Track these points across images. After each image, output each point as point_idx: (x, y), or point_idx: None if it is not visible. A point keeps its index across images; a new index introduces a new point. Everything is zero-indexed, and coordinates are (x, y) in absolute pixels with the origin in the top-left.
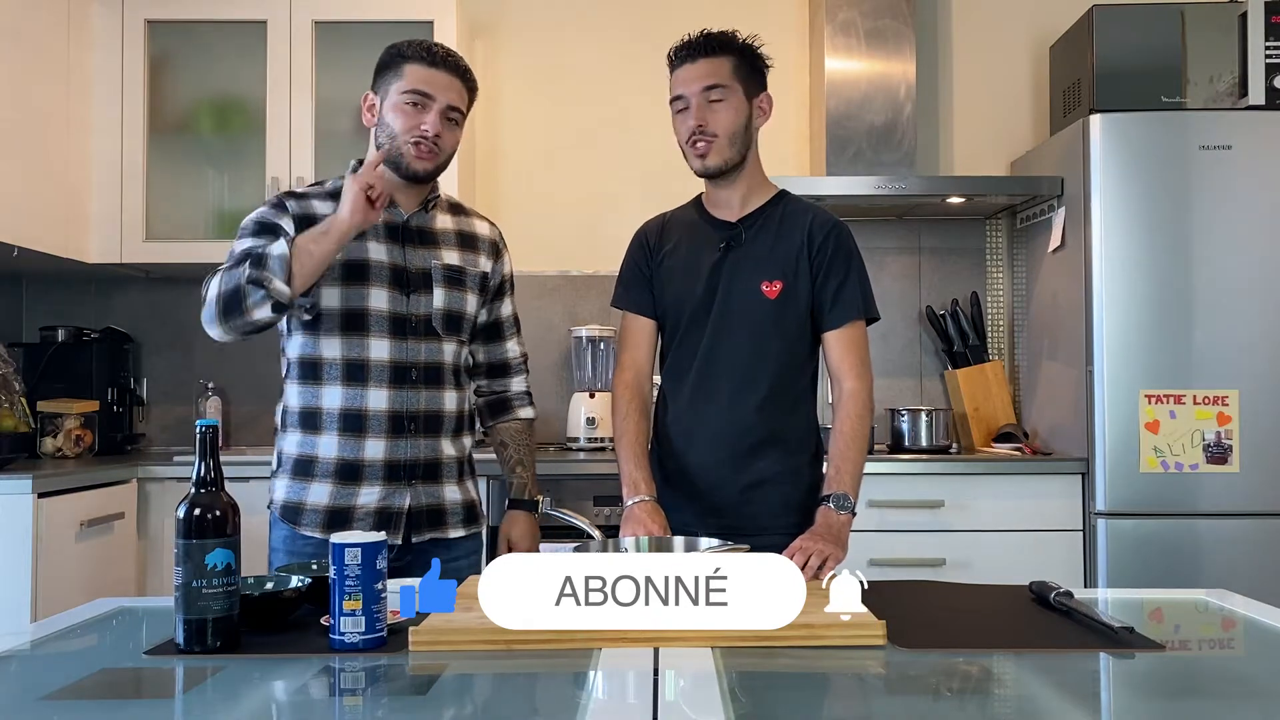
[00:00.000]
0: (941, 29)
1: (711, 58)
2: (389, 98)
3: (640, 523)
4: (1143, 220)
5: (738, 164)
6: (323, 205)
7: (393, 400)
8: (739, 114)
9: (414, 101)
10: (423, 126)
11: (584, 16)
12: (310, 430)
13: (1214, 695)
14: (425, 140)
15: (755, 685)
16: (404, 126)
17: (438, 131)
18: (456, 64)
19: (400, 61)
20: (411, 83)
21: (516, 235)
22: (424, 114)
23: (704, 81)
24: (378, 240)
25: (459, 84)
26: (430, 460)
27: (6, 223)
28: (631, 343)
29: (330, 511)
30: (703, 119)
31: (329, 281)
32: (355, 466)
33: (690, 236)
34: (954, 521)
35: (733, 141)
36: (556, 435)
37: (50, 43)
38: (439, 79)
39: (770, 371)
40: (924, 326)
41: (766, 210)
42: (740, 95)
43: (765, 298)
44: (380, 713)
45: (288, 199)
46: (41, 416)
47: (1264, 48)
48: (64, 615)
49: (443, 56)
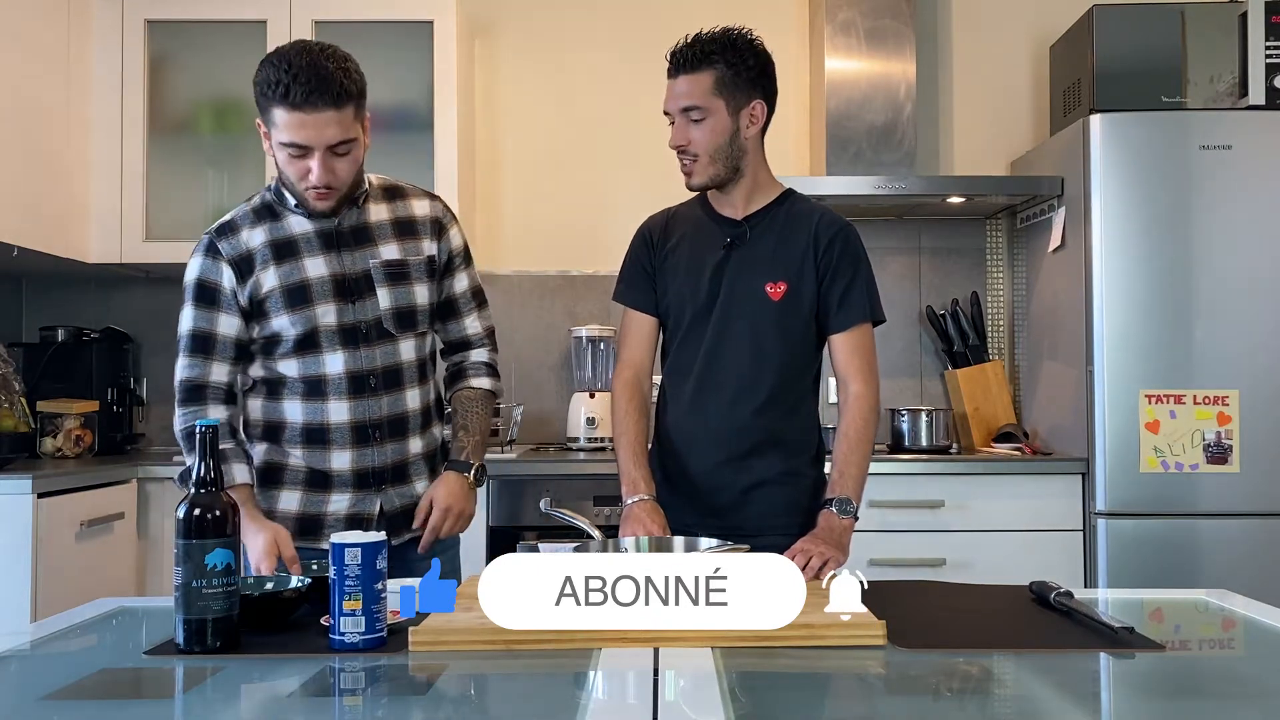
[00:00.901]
0: (941, 29)
1: (693, 73)
2: (273, 138)
3: (640, 522)
4: (1143, 220)
5: (730, 176)
6: (252, 236)
7: (354, 410)
8: (719, 133)
9: (293, 154)
10: (311, 178)
11: (584, 16)
12: (274, 443)
13: (1214, 695)
14: (315, 189)
15: (755, 685)
16: (294, 175)
17: (326, 179)
18: (327, 92)
19: (266, 105)
20: (284, 133)
21: (516, 235)
22: (306, 161)
23: (681, 102)
24: (312, 255)
25: (333, 113)
26: (398, 463)
27: (6, 223)
28: (631, 340)
29: (301, 518)
30: (684, 139)
31: (277, 310)
32: (323, 475)
33: (694, 233)
34: (954, 522)
35: (714, 159)
36: (556, 435)
37: (50, 43)
38: (309, 122)
39: (772, 373)
40: (924, 326)
41: (771, 209)
42: (723, 112)
43: (769, 299)
44: (380, 713)
45: (219, 240)
46: (41, 416)
47: (1264, 48)
48: (64, 615)
49: (308, 96)
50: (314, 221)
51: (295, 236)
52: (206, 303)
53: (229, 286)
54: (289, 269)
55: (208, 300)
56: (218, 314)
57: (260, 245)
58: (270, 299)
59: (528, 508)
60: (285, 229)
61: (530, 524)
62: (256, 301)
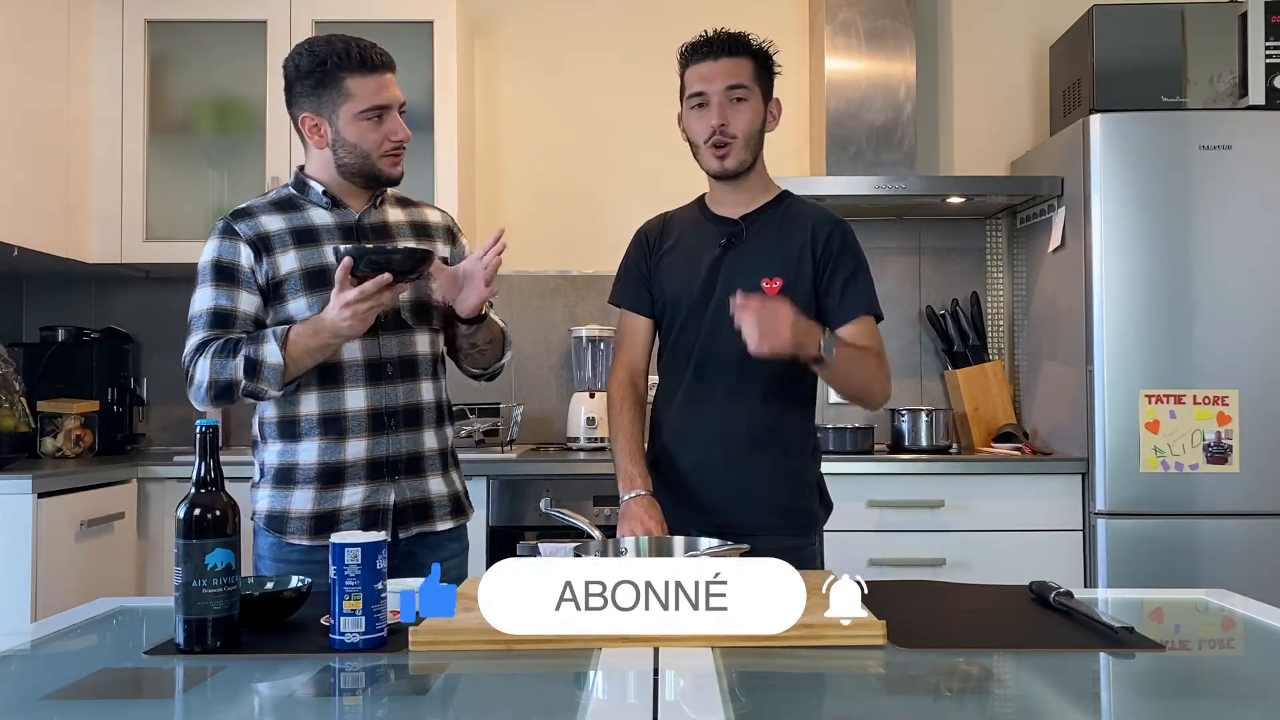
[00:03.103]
0: (941, 29)
1: (735, 57)
2: (341, 119)
3: (637, 518)
4: (1143, 220)
5: (750, 168)
6: (270, 220)
7: (370, 398)
8: (758, 116)
9: (373, 116)
10: (395, 136)
11: (584, 16)
12: (289, 439)
13: (1214, 695)
14: (398, 149)
15: (755, 685)
16: (374, 142)
17: (409, 134)
18: (387, 58)
19: (339, 77)
20: (365, 100)
21: (516, 235)
22: (385, 124)
23: (728, 80)
24: (333, 244)
25: (393, 76)
26: (412, 454)
27: (6, 223)
28: (628, 341)
29: (316, 517)
30: (725, 118)
31: (295, 293)
32: (337, 469)
33: (691, 233)
34: (954, 521)
35: (748, 144)
36: (556, 435)
37: (50, 43)
38: (385, 82)
39: (767, 371)
40: (924, 326)
41: (769, 209)
42: (759, 100)
43: (765, 295)
44: (380, 713)
45: (236, 222)
46: (41, 416)
47: (1264, 48)
48: (64, 615)
49: (378, 59)
50: (334, 214)
51: (316, 226)
52: (226, 280)
53: (247, 265)
54: (310, 253)
55: (227, 278)
56: (238, 291)
57: (279, 230)
58: (289, 281)
59: (528, 508)
60: (305, 219)
61: (530, 524)
62: (275, 283)
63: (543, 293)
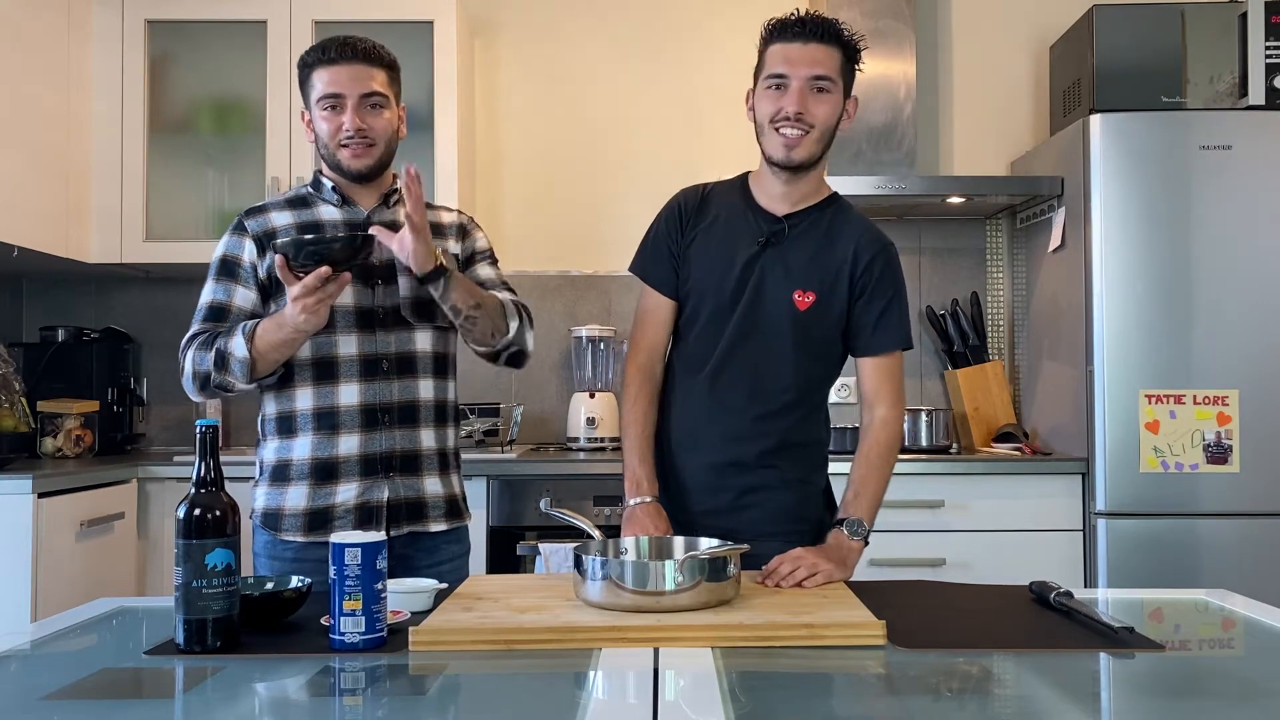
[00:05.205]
0: (941, 29)
1: (825, 45)
2: (312, 110)
3: (641, 525)
4: (1143, 220)
5: (816, 163)
6: (280, 216)
7: (364, 394)
8: (836, 110)
9: (329, 106)
10: (345, 126)
11: (584, 16)
12: (286, 435)
13: (1214, 695)
14: (351, 140)
15: (755, 685)
16: (329, 132)
17: (358, 125)
18: (359, 50)
19: (308, 71)
20: (321, 88)
21: (516, 235)
22: (341, 114)
23: (814, 69)
24: None
25: (368, 69)
26: (408, 452)
27: (6, 223)
28: (649, 321)
29: (309, 514)
30: (804, 106)
31: None
32: (330, 465)
33: (729, 220)
34: (954, 521)
35: (823, 138)
36: (556, 435)
37: (50, 43)
38: (344, 74)
39: (787, 383)
40: (924, 326)
41: (814, 212)
42: (840, 94)
43: (795, 307)
44: (380, 713)
45: (247, 218)
46: (41, 416)
47: (1264, 48)
48: (64, 615)
49: (341, 50)
50: (343, 211)
51: (323, 222)
52: (227, 275)
53: (249, 261)
54: None
55: (228, 273)
56: (235, 286)
57: (285, 226)
58: None
59: (528, 508)
60: (314, 215)
61: (530, 524)
62: (276, 278)
63: (543, 293)
